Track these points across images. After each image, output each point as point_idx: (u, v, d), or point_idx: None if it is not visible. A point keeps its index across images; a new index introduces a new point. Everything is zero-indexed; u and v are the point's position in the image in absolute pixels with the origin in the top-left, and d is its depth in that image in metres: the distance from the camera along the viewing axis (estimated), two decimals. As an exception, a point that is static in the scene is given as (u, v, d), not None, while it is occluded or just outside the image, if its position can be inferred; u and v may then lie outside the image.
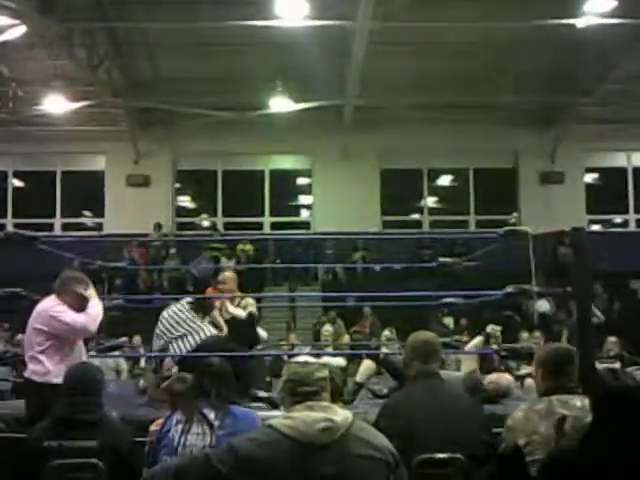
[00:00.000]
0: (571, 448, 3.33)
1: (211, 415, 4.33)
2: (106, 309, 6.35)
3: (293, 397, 3.31)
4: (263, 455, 3.08)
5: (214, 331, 7.16)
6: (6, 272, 14.70)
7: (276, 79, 18.63)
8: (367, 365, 6.95)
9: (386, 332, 11.73)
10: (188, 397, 4.60)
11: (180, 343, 6.81)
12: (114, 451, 4.45)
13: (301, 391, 3.31)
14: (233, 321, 7.46)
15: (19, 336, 14.66)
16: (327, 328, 13.70)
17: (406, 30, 16.35)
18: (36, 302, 6.55)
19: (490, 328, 7.22)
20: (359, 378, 6.92)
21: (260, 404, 6.20)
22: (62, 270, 6.04)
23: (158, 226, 20.21)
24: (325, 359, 8.20)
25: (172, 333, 6.89)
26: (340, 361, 9.15)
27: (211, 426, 4.29)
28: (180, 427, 4.33)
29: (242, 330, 7.37)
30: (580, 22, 15.83)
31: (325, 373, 3.45)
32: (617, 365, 11.51)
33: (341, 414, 3.22)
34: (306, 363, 3.59)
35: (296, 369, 3.43)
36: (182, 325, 6.94)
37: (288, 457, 3.07)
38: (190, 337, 6.84)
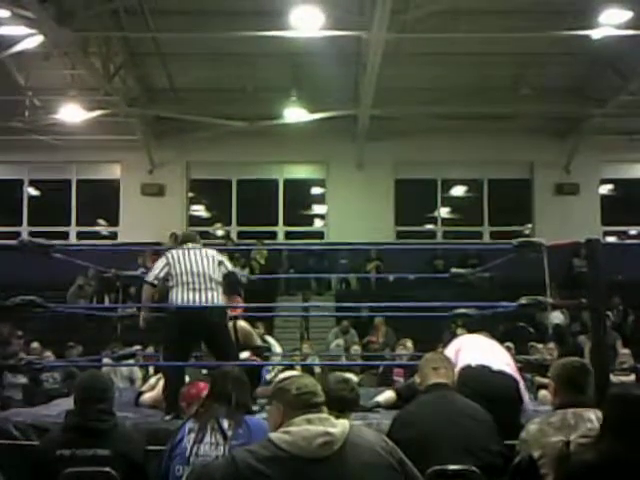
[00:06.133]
0: (582, 461, 3.31)
1: (225, 424, 4.32)
2: (120, 317, 6.42)
3: (303, 409, 3.27)
4: (263, 469, 3.05)
5: None
6: (21, 280, 14.79)
7: (291, 89, 18.68)
8: (389, 394, 6.96)
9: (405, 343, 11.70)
10: (207, 403, 4.60)
11: None
12: (127, 459, 4.45)
13: (314, 402, 3.32)
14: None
15: (34, 344, 14.82)
16: (338, 342, 13.66)
17: (421, 40, 16.36)
18: (50, 310, 6.58)
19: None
20: (381, 400, 6.92)
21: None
22: (77, 278, 6.07)
23: (174, 236, 20.22)
24: (338, 374, 8.16)
25: None
26: (352, 377, 9.11)
27: (225, 436, 4.27)
28: (193, 436, 4.32)
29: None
30: (596, 33, 15.79)
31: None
32: (631, 377, 11.48)
33: (339, 425, 3.20)
34: (304, 375, 3.58)
35: (304, 381, 3.42)
36: None
37: (288, 472, 3.05)
38: None
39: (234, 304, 7.70)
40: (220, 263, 6.80)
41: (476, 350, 5.54)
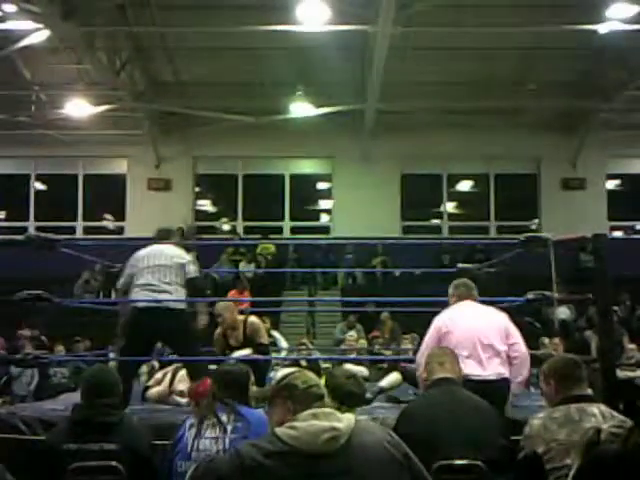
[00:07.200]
0: (612, 449, 3.30)
1: (224, 418, 4.34)
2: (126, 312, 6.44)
3: (310, 403, 3.27)
4: (268, 464, 3.04)
5: None
6: (28, 275, 14.82)
7: (297, 83, 18.68)
8: (395, 376, 6.96)
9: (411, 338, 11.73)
10: (208, 399, 4.62)
11: None
12: (133, 453, 4.45)
13: (320, 394, 3.32)
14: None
15: (42, 338, 14.88)
16: (351, 334, 13.66)
17: (427, 34, 16.34)
18: (56, 304, 6.59)
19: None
20: (384, 384, 6.93)
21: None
22: (83, 272, 6.09)
23: (181, 231, 20.24)
24: (348, 367, 8.16)
25: None
26: (362, 370, 9.10)
27: (224, 430, 4.29)
28: (193, 431, 4.34)
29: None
30: (602, 28, 15.75)
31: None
32: (638, 373, 11.49)
33: (344, 420, 3.19)
34: (305, 370, 3.58)
35: (304, 376, 3.42)
36: None
37: (293, 467, 3.04)
38: None
39: (230, 298, 7.71)
40: (182, 266, 6.67)
41: (463, 347, 5.47)
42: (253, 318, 7.85)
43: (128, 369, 6.32)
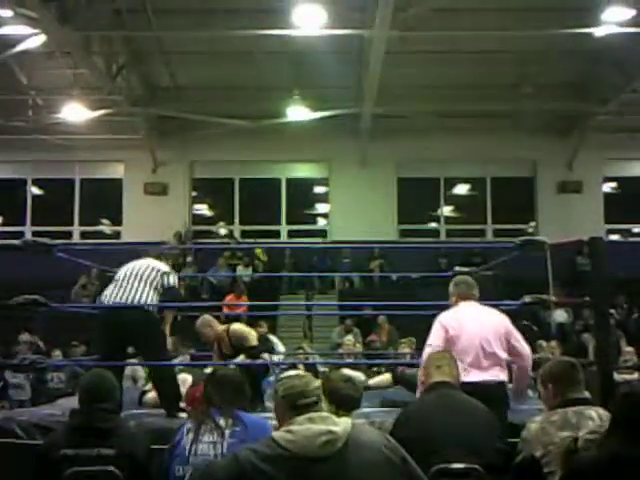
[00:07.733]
0: (589, 456, 3.31)
1: (221, 422, 4.33)
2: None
3: (293, 410, 3.27)
4: (265, 468, 3.05)
5: None
6: (24, 279, 14.78)
7: (293, 87, 18.68)
8: (385, 377, 6.97)
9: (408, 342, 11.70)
10: (204, 403, 4.62)
11: None
12: (131, 458, 4.44)
13: (302, 403, 3.29)
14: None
15: (39, 343, 14.86)
16: (349, 338, 13.64)
17: (424, 38, 16.33)
18: (54, 309, 6.59)
19: None
20: (371, 382, 6.94)
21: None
22: (79, 277, 6.08)
23: (179, 235, 20.27)
24: (345, 371, 8.14)
25: None
26: (360, 375, 9.09)
27: (222, 434, 4.28)
28: (191, 436, 4.33)
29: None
30: (598, 31, 15.77)
31: (319, 383, 3.47)
32: (635, 376, 11.47)
33: (341, 423, 3.19)
34: (299, 375, 3.58)
35: (292, 382, 3.41)
36: None
37: (290, 471, 3.04)
38: None
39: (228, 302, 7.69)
40: (164, 274, 6.72)
41: (467, 354, 5.45)
42: (235, 326, 7.76)
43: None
